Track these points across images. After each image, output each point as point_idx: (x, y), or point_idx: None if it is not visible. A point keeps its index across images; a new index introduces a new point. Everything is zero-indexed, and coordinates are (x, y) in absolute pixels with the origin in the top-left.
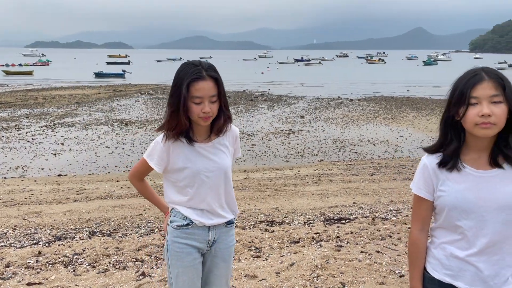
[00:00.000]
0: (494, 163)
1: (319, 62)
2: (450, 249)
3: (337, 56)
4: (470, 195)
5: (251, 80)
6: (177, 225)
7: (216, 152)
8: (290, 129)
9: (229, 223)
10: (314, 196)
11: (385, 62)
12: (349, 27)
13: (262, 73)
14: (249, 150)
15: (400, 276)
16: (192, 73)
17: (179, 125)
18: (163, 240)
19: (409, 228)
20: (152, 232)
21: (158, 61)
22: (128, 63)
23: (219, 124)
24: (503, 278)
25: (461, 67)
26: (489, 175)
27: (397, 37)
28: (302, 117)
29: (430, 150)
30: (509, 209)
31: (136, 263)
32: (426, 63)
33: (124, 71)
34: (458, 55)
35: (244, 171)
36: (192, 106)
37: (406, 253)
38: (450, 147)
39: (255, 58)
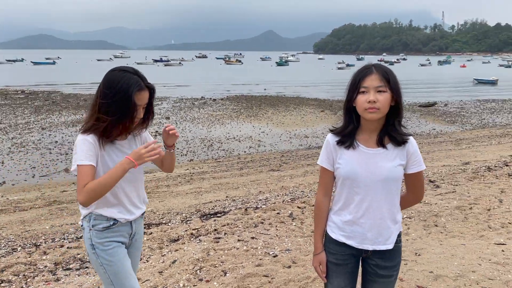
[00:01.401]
0: (380, 143)
1: (180, 63)
2: (343, 214)
3: (196, 56)
4: (360, 168)
5: None
6: (102, 227)
7: (133, 148)
8: (156, 131)
9: (142, 213)
10: (188, 195)
11: (242, 63)
12: (206, 28)
13: None
14: None
15: (274, 256)
16: (135, 83)
17: (123, 129)
18: (29, 257)
19: (277, 213)
20: (15, 251)
21: None
22: None
23: (140, 126)
24: (385, 237)
25: (308, 67)
26: (376, 153)
27: (252, 39)
28: (168, 118)
29: (336, 131)
30: (388, 180)
31: (2, 284)
32: (279, 64)
33: None
34: (305, 56)
35: None
36: None
37: (277, 236)
38: (348, 129)
39: (110, 59)
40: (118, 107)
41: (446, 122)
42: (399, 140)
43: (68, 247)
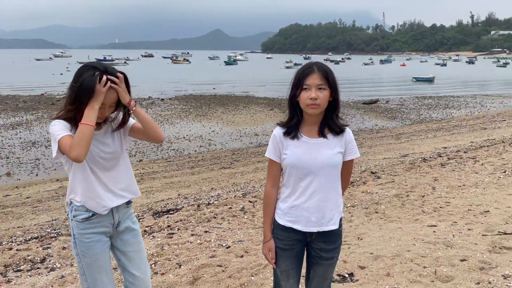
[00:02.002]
0: (321, 133)
1: (125, 62)
2: (289, 201)
3: (142, 56)
4: (304, 156)
5: (49, 82)
6: (82, 219)
7: (109, 139)
8: None
9: (128, 202)
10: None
11: (190, 62)
12: (152, 26)
13: (61, 74)
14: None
15: (227, 248)
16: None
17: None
18: None
19: (229, 208)
20: None
21: None
22: None
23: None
24: (328, 219)
25: (257, 66)
26: (318, 142)
27: (199, 38)
28: None
29: (282, 124)
30: (330, 166)
31: None
32: (227, 63)
33: None
34: (253, 55)
35: (57, 180)
36: None
37: (230, 229)
38: (293, 121)
39: (50, 58)
40: (83, 100)
41: (387, 118)
42: (337, 131)
43: (17, 250)
